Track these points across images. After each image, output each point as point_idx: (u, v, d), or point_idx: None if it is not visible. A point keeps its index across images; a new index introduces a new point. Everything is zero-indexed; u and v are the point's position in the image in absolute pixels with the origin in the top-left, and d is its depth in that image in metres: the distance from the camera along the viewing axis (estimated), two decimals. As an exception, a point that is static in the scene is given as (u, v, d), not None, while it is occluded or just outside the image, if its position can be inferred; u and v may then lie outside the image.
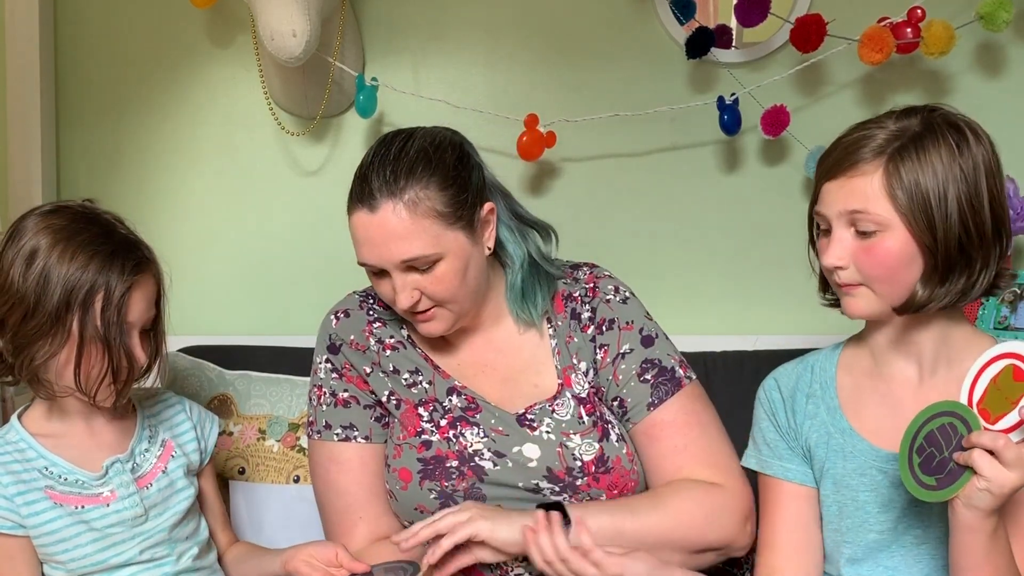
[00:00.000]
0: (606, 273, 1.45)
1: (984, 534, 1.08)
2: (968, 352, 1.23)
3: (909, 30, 1.83)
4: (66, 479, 1.27)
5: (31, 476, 1.26)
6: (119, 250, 1.23)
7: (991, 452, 1.04)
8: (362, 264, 1.31)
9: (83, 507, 1.26)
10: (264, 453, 1.72)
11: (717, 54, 1.98)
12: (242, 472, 1.71)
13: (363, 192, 1.27)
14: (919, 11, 1.83)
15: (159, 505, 1.32)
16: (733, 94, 1.95)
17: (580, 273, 1.44)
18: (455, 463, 1.33)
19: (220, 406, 1.77)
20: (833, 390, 1.30)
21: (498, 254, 1.39)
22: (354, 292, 1.48)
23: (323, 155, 2.11)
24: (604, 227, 2.07)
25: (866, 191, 1.16)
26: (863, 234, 1.17)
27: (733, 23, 1.96)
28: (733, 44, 1.97)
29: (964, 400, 1.10)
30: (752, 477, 1.38)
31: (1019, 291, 1.77)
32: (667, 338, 1.42)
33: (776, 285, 2.07)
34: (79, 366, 1.22)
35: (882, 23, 1.84)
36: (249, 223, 2.13)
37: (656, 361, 1.37)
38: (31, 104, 2.03)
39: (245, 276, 2.13)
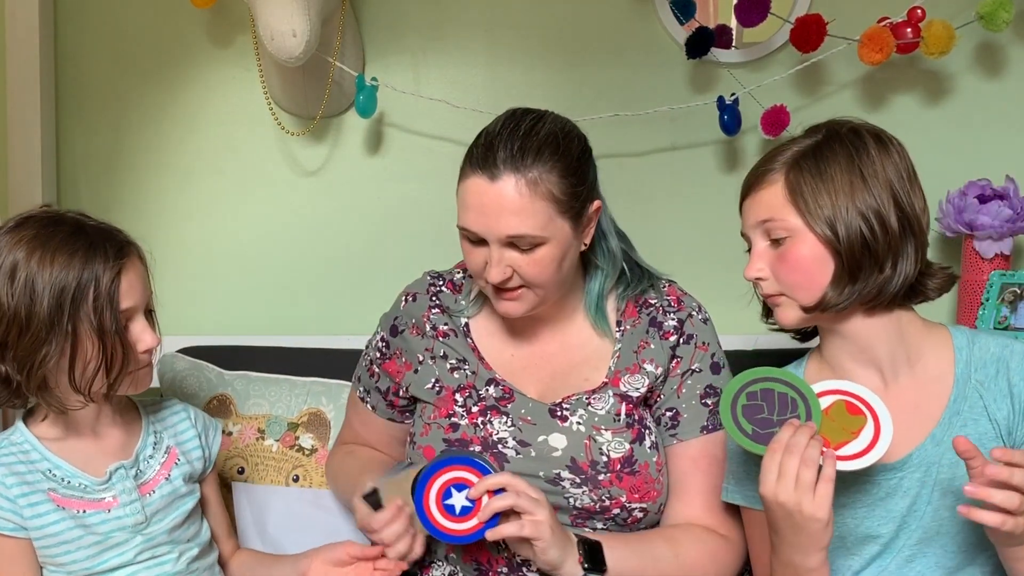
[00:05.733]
0: (684, 290, 1.48)
1: None
2: (925, 346, 1.25)
3: (909, 30, 1.83)
4: (69, 482, 1.27)
5: (34, 478, 1.25)
6: (97, 241, 1.23)
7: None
8: (463, 229, 1.31)
9: (84, 511, 1.26)
10: (263, 453, 1.72)
11: (717, 54, 1.97)
12: (241, 472, 1.71)
13: (486, 159, 1.27)
14: (919, 11, 1.83)
15: (161, 511, 1.32)
16: (733, 94, 1.95)
17: (660, 284, 1.46)
18: (478, 448, 1.34)
19: (219, 406, 1.77)
20: None
21: (587, 255, 1.41)
22: (427, 273, 1.51)
23: (323, 155, 2.11)
24: (604, 227, 2.07)
25: (772, 201, 1.22)
26: (776, 242, 1.22)
27: (733, 23, 1.96)
28: (733, 44, 1.97)
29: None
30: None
31: (1019, 291, 1.77)
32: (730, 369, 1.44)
33: (776, 285, 2.07)
34: (73, 364, 1.21)
35: (882, 23, 1.84)
36: (249, 223, 2.12)
37: (718, 390, 1.40)
38: (31, 105, 2.03)
39: (245, 276, 2.13)
